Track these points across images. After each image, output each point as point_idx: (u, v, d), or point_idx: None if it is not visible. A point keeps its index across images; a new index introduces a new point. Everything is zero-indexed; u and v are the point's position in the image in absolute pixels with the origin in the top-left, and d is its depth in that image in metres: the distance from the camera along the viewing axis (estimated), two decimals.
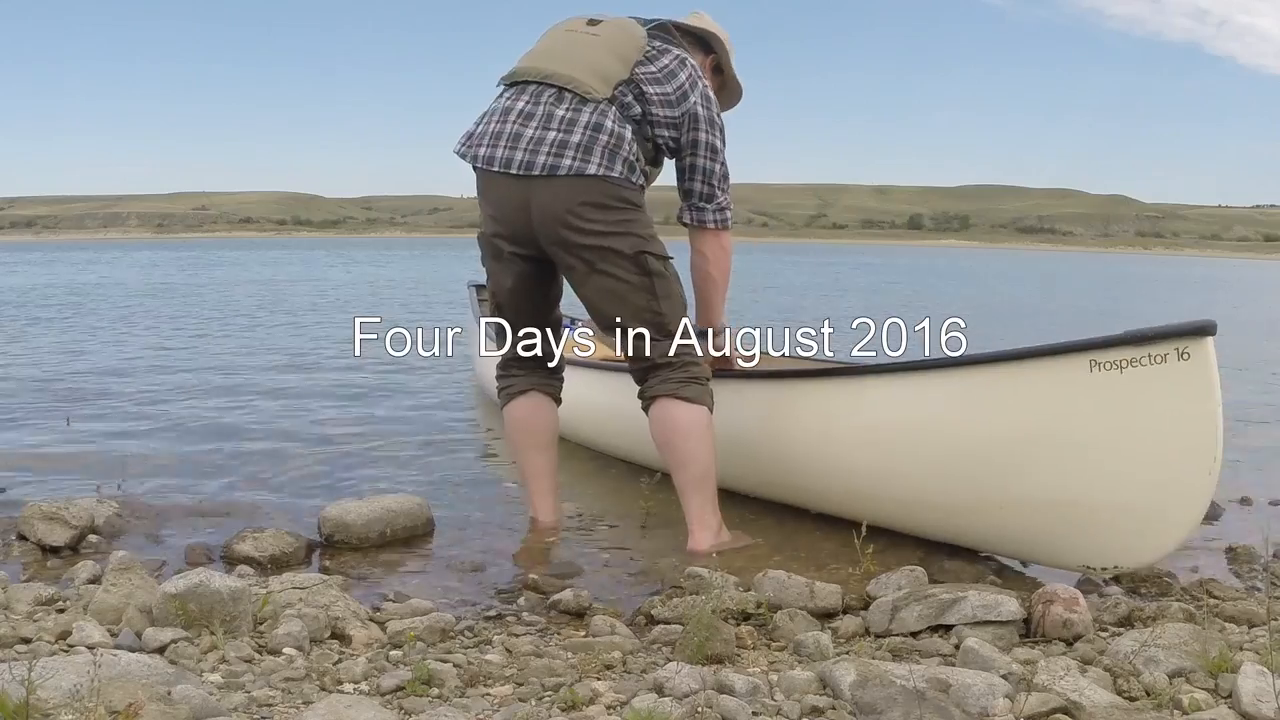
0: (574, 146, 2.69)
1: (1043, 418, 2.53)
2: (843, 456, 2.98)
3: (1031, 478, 2.58)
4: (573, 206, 2.70)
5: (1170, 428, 2.38)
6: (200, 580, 2.10)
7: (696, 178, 2.93)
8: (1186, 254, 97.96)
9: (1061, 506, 2.56)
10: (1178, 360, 2.33)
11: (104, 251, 45.65)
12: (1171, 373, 2.34)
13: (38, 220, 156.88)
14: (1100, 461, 2.46)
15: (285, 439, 4.48)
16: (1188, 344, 2.32)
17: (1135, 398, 2.38)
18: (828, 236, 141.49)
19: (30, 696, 1.54)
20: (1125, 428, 2.42)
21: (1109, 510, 2.49)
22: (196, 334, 9.22)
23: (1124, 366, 2.38)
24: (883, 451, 2.87)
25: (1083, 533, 2.56)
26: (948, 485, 2.76)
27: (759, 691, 1.85)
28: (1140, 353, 2.36)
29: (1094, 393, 2.42)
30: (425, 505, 3.18)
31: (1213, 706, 1.79)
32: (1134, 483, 2.43)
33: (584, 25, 2.91)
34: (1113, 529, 2.51)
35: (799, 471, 3.16)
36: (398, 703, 1.83)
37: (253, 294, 15.67)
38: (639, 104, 2.81)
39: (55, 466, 3.91)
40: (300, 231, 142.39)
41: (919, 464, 2.79)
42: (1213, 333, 2.33)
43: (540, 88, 2.77)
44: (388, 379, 6.37)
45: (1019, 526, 2.69)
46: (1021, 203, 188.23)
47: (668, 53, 2.90)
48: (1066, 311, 15.27)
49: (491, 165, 2.76)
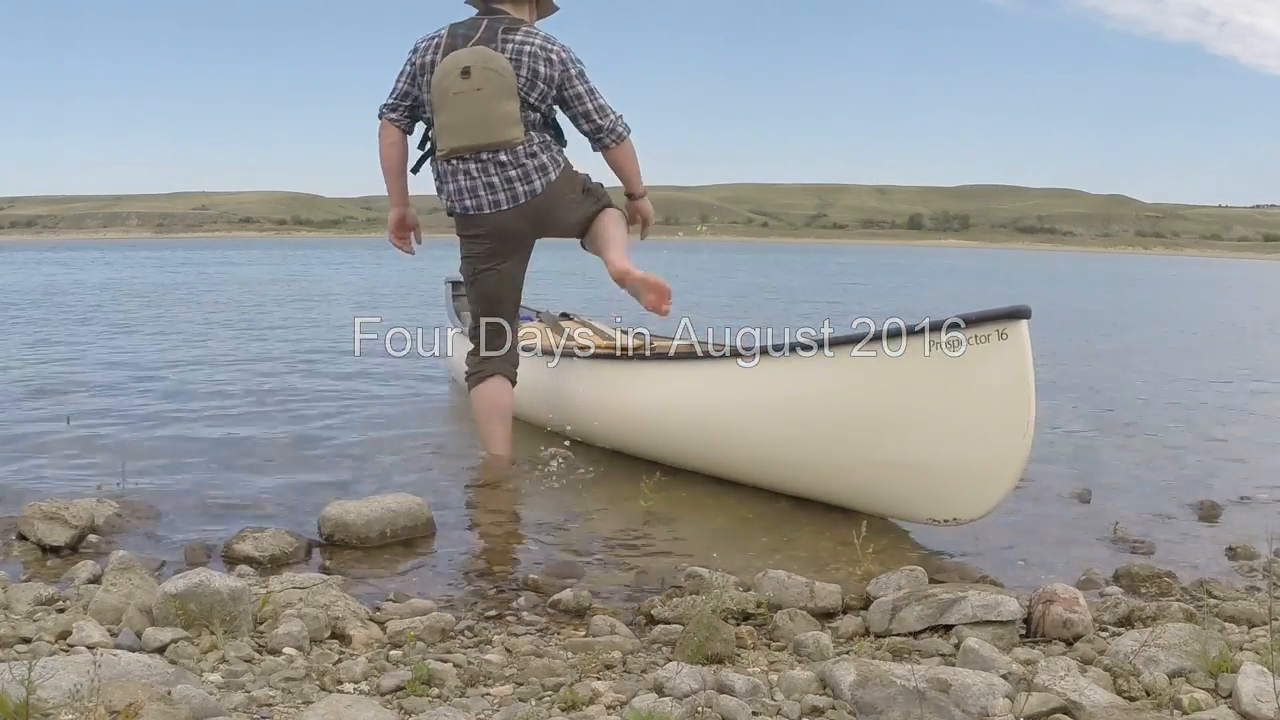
0: (532, 173, 3.74)
1: (889, 392, 2.90)
2: (732, 429, 3.38)
3: (882, 444, 2.96)
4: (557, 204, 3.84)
5: (992, 398, 2.73)
6: (200, 580, 2.10)
7: (594, 116, 3.79)
8: (1187, 254, 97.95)
9: (908, 468, 2.95)
10: (998, 340, 2.69)
11: (104, 251, 45.65)
12: (993, 351, 2.69)
13: (38, 220, 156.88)
14: (938, 428, 2.83)
15: (285, 439, 4.48)
16: (1006, 326, 2.68)
17: (964, 374, 2.74)
18: (828, 236, 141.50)
19: (30, 696, 1.54)
20: (957, 399, 2.77)
21: (947, 470, 2.86)
22: (196, 334, 9.22)
23: (957, 346, 2.75)
24: (761, 424, 3.23)
25: (927, 490, 2.93)
26: (816, 452, 3.15)
27: (759, 691, 1.85)
28: (968, 334, 2.72)
29: (931, 369, 2.79)
30: (425, 505, 3.18)
31: (1213, 706, 1.79)
32: (965, 446, 2.79)
33: (461, 82, 3.59)
34: (950, 486, 2.87)
35: (701, 442, 3.56)
36: (398, 703, 1.83)
37: (252, 294, 15.67)
38: (540, 105, 3.72)
39: (55, 466, 3.90)
40: (300, 231, 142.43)
41: (792, 434, 3.17)
42: (1027, 316, 2.67)
43: (483, 161, 3.69)
44: (388, 379, 6.37)
45: (875, 487, 3.07)
46: (1021, 203, 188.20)
47: (522, 44, 3.66)
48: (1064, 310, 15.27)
49: (484, 209, 3.76)
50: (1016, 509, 3.54)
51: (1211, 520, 3.47)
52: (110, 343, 8.36)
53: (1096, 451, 4.54)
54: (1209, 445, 4.77)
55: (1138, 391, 6.50)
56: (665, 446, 3.77)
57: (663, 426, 3.72)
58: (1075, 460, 4.32)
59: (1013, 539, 3.17)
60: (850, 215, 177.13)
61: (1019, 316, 2.66)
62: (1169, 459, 4.42)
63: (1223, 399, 6.23)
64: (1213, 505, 3.58)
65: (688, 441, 3.63)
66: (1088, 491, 3.74)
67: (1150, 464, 4.31)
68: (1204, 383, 6.98)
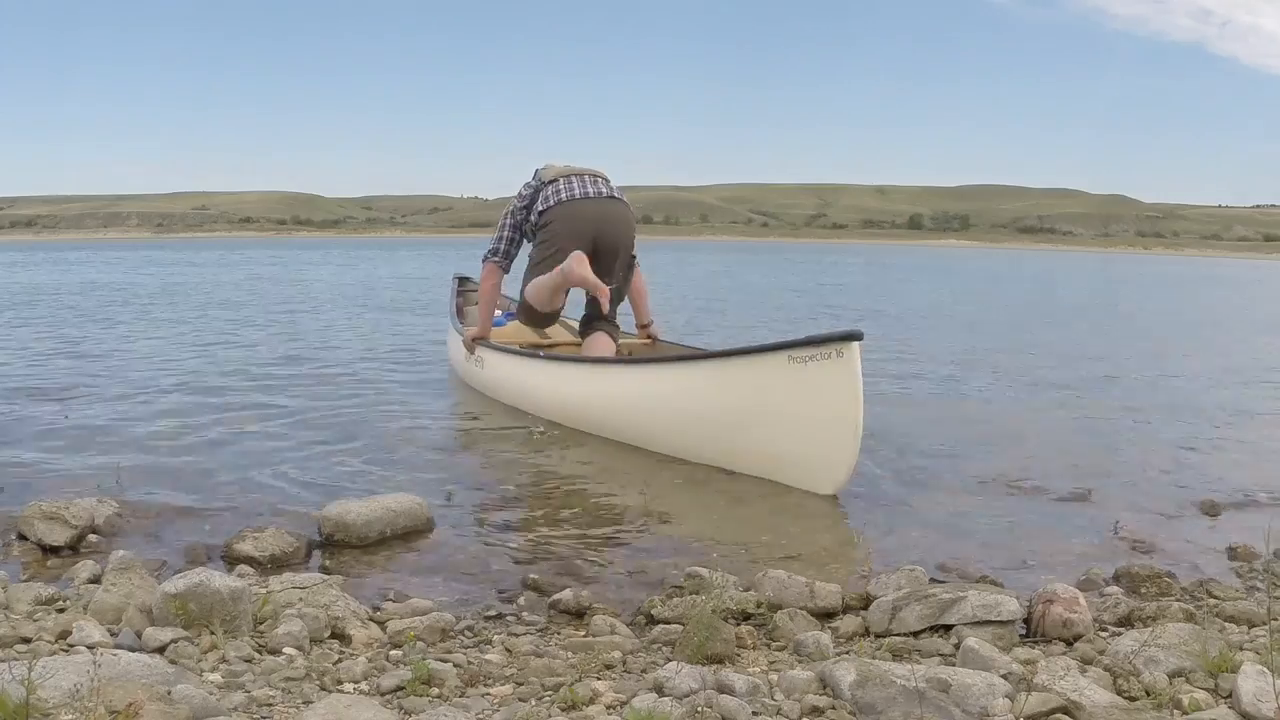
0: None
1: (759, 392, 3.67)
2: (652, 413, 4.21)
3: (753, 433, 3.76)
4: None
5: (832, 402, 3.45)
6: (200, 580, 2.10)
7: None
8: (1187, 254, 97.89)
9: (775, 452, 3.72)
10: (837, 357, 3.42)
11: (103, 251, 45.66)
12: (833, 365, 3.43)
13: (38, 220, 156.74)
14: (794, 423, 3.58)
15: (285, 438, 4.48)
16: (842, 346, 3.41)
17: (813, 381, 3.48)
18: (828, 236, 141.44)
19: (30, 696, 1.54)
20: (807, 401, 3.51)
21: (800, 455, 3.61)
22: (196, 334, 9.22)
23: (808, 360, 3.49)
24: (672, 410, 4.09)
25: (788, 469, 3.70)
26: (708, 434, 3.95)
27: (759, 691, 1.85)
28: (816, 351, 3.46)
29: (789, 377, 3.54)
30: (425, 505, 3.18)
31: (1213, 706, 1.79)
32: (812, 439, 3.54)
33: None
34: (804, 468, 3.63)
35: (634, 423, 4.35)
36: (398, 702, 1.83)
37: (252, 294, 15.66)
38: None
39: (55, 466, 3.90)
40: (300, 231, 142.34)
41: (691, 419, 4.00)
42: (860, 339, 3.42)
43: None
44: (388, 379, 6.37)
45: (751, 462, 3.84)
46: (1021, 203, 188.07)
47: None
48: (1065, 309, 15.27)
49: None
50: (1017, 509, 3.54)
51: (1211, 520, 3.47)
52: (110, 343, 8.36)
53: (1096, 451, 4.55)
54: (1209, 445, 4.77)
55: (1138, 391, 6.50)
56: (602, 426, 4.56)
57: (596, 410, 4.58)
58: (1075, 460, 4.32)
59: (1013, 539, 3.17)
60: (850, 215, 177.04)
61: (852, 339, 3.40)
62: (1169, 459, 4.42)
63: (1223, 398, 6.23)
64: (1213, 505, 3.59)
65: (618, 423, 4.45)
66: (1088, 491, 3.74)
67: (1150, 464, 4.31)
68: (1204, 382, 6.98)
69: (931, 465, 4.19)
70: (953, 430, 4.98)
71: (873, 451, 4.39)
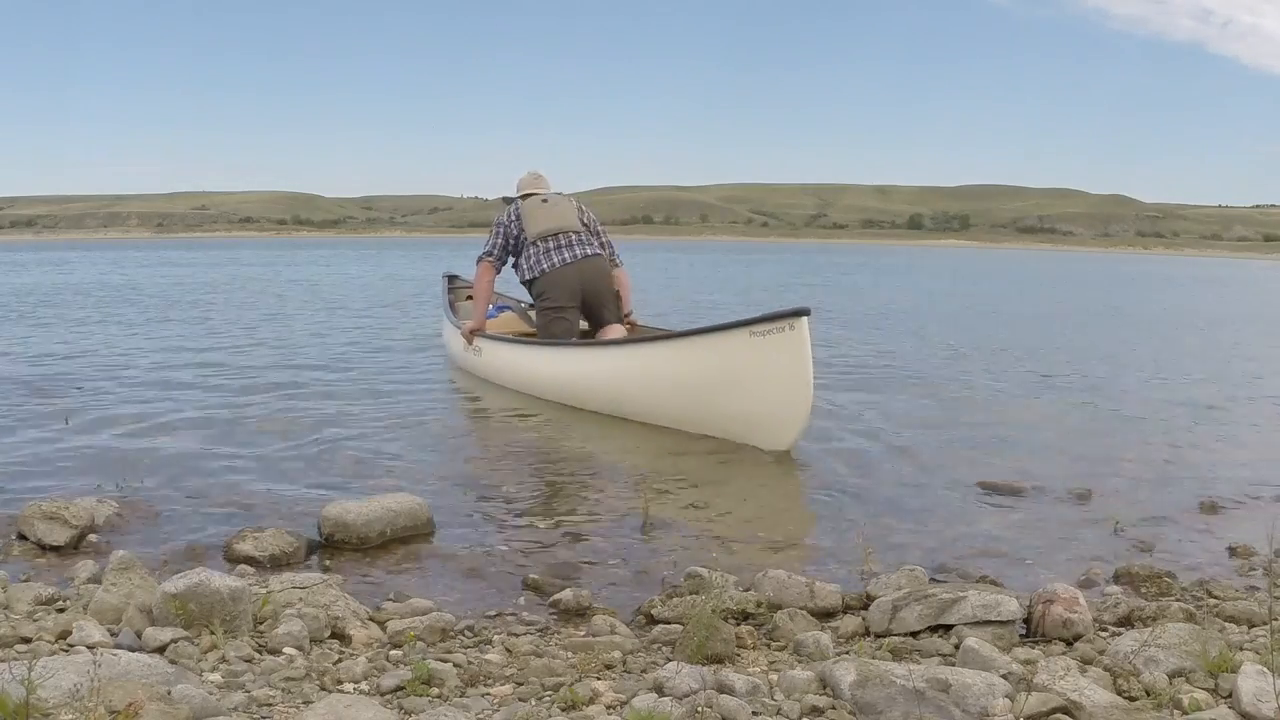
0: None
1: (725, 363, 4.22)
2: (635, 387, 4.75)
3: (721, 399, 4.31)
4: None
5: (786, 370, 4.02)
6: (200, 580, 2.10)
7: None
8: (1187, 254, 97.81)
9: (739, 415, 4.28)
10: (790, 331, 3.99)
11: (103, 251, 45.65)
12: (785, 338, 4.00)
13: (38, 220, 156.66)
14: (754, 389, 4.14)
15: (285, 439, 4.48)
16: (793, 321, 3.98)
17: (770, 353, 4.03)
18: (828, 236, 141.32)
19: (30, 696, 1.54)
20: (765, 370, 4.06)
21: (761, 416, 4.18)
22: (196, 334, 9.22)
23: (765, 334, 4.06)
24: (653, 383, 4.62)
25: (751, 430, 4.26)
26: (681, 402, 4.52)
27: (759, 691, 1.85)
28: (772, 326, 4.03)
29: (750, 350, 4.10)
30: (425, 505, 3.18)
31: (1213, 706, 1.79)
32: (770, 401, 4.10)
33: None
34: (764, 428, 4.20)
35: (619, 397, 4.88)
36: (398, 702, 1.83)
37: (251, 294, 15.66)
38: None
39: (55, 466, 3.90)
40: (300, 231, 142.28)
41: (669, 390, 4.54)
42: (808, 314, 4.01)
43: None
44: (387, 378, 6.37)
45: (720, 425, 4.38)
46: (1021, 203, 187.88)
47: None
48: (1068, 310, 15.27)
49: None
50: (1017, 509, 3.54)
51: (1211, 520, 3.46)
52: (110, 343, 8.36)
53: (1096, 451, 4.55)
54: (1209, 445, 4.78)
55: (1137, 391, 6.50)
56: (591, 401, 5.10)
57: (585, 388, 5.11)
58: (1075, 460, 4.32)
59: (1013, 539, 3.17)
60: (850, 215, 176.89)
61: (801, 314, 3.99)
62: (1169, 459, 4.42)
63: (1223, 398, 6.23)
64: (1213, 505, 3.59)
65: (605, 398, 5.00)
66: (1088, 491, 3.74)
67: (1150, 464, 4.31)
68: (1204, 382, 6.98)
69: (931, 465, 4.19)
70: (953, 430, 4.98)
71: (873, 451, 4.40)
